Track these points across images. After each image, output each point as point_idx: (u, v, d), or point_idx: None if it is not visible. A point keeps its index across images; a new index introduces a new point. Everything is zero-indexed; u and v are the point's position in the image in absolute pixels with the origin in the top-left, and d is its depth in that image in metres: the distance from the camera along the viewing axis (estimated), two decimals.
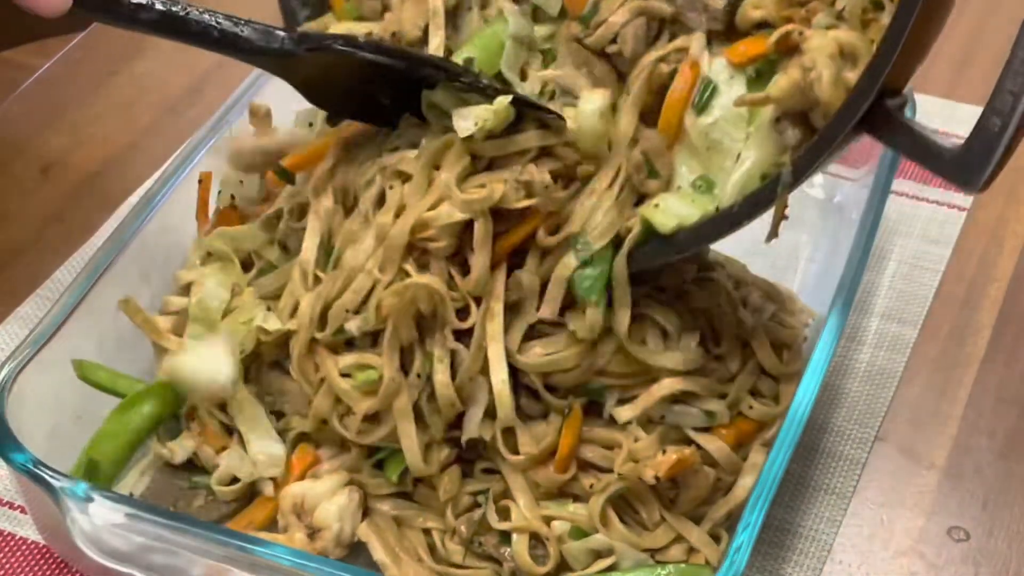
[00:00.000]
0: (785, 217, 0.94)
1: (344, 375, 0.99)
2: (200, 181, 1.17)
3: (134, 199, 1.31)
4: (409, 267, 0.97)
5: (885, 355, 1.19)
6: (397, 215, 0.98)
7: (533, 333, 0.99)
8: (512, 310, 0.98)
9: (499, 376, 0.96)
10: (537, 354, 0.98)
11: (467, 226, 0.97)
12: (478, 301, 0.97)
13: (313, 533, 0.97)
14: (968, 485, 1.10)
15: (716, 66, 0.96)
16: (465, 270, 0.98)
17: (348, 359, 0.99)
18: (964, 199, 1.34)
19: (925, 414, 1.15)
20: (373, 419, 0.98)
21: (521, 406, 0.98)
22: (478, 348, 0.97)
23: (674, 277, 1.02)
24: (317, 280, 1.01)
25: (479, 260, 0.97)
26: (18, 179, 1.37)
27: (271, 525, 1.00)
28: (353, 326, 0.98)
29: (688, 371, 0.99)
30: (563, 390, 0.99)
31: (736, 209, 0.94)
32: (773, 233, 0.95)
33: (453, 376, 0.97)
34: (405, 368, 0.97)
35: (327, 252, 1.03)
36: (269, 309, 1.04)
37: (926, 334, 1.21)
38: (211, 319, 1.05)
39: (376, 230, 0.98)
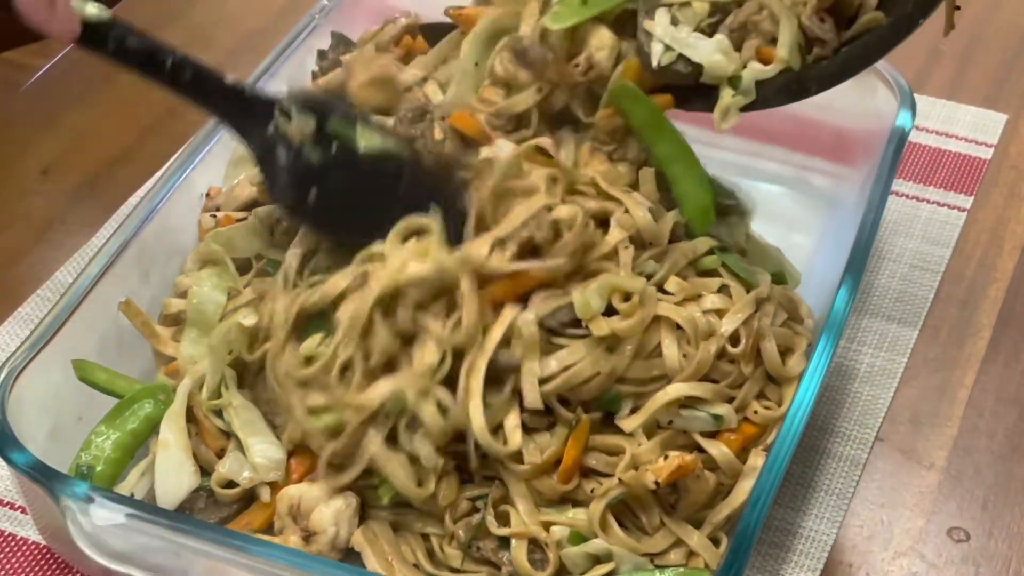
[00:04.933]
0: (958, 8, 1.01)
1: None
2: (208, 194, 1.17)
3: (134, 200, 1.31)
4: (376, 315, 0.97)
5: (885, 356, 1.19)
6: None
7: (548, 349, 0.98)
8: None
9: (477, 424, 0.95)
10: (552, 370, 0.97)
11: None
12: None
13: (308, 536, 0.97)
14: (968, 486, 1.10)
15: None
16: (450, 309, 0.97)
17: (315, 398, 0.98)
18: (965, 199, 1.34)
19: (925, 415, 1.15)
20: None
21: (525, 422, 0.98)
22: (463, 400, 0.96)
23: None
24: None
25: (467, 313, 0.96)
26: (19, 180, 1.37)
27: (268, 530, 1.00)
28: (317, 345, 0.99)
29: (698, 377, 0.98)
30: (576, 403, 0.98)
31: (911, 9, 0.99)
32: (950, 26, 1.02)
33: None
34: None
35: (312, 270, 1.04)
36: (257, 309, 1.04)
37: (926, 335, 1.21)
38: (208, 323, 1.05)
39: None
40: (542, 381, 0.97)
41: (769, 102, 1.04)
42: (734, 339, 1.00)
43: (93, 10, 0.94)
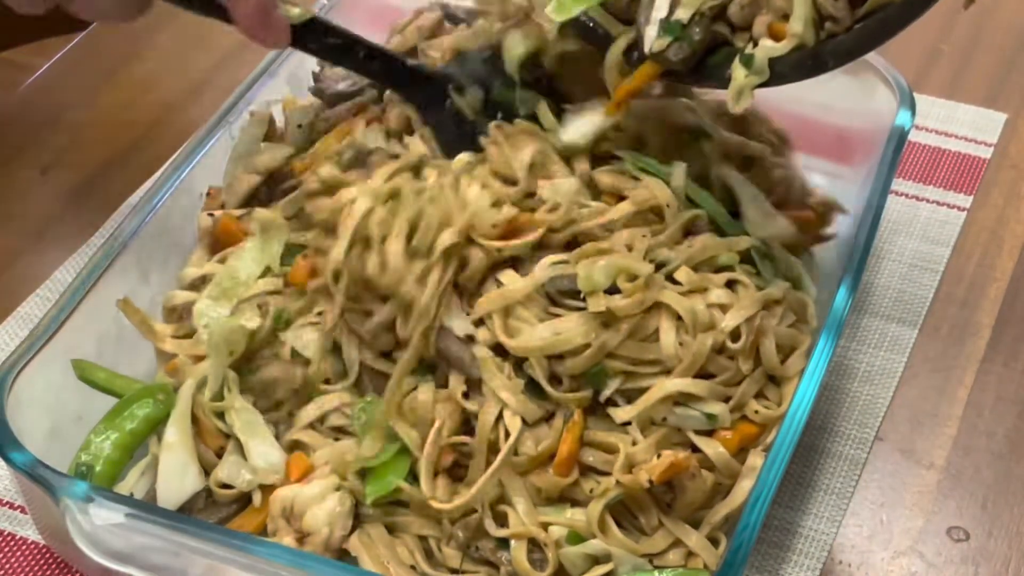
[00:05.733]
0: None
1: None
2: (208, 194, 1.17)
3: (134, 199, 1.31)
4: None
5: (885, 355, 1.19)
6: None
7: (543, 317, 0.98)
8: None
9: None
10: (541, 336, 0.97)
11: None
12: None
13: (302, 538, 0.96)
14: (967, 485, 1.10)
15: None
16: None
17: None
18: (964, 199, 1.34)
19: (924, 414, 1.15)
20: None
21: (523, 415, 0.97)
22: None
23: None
24: None
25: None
26: (18, 179, 1.37)
27: (261, 533, 0.99)
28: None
29: (695, 372, 0.98)
30: (568, 380, 0.98)
31: None
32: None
33: None
34: None
35: None
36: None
37: (926, 334, 1.21)
38: (232, 289, 1.05)
39: None
40: (525, 351, 0.97)
41: (785, 78, 1.02)
42: (734, 335, 0.99)
43: (297, 11, 1.02)
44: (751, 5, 1.02)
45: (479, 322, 1.00)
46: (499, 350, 0.99)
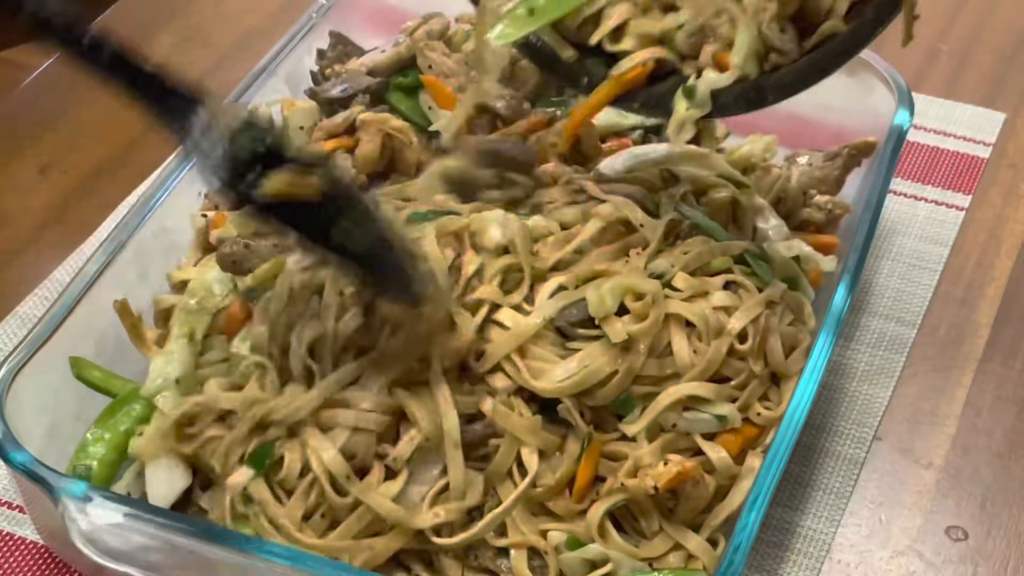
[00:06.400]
0: (917, 16, 0.98)
1: None
2: (206, 195, 1.17)
3: (132, 199, 1.31)
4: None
5: (883, 355, 1.19)
6: None
7: (563, 353, 0.97)
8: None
9: None
10: (568, 372, 0.96)
11: None
12: None
13: None
14: (966, 485, 1.10)
15: None
16: None
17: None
18: (963, 198, 1.34)
19: (923, 414, 1.15)
20: None
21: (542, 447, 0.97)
22: None
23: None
24: None
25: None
26: (17, 179, 1.37)
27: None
28: None
29: (707, 375, 0.98)
30: (589, 410, 0.97)
31: (870, 17, 0.97)
32: (908, 36, 0.98)
33: None
34: None
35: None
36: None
37: (924, 334, 1.21)
38: (195, 316, 1.04)
39: None
40: (556, 391, 0.96)
41: (728, 110, 1.02)
42: (741, 336, 0.99)
43: None
44: (698, 34, 1.01)
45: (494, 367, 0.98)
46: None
